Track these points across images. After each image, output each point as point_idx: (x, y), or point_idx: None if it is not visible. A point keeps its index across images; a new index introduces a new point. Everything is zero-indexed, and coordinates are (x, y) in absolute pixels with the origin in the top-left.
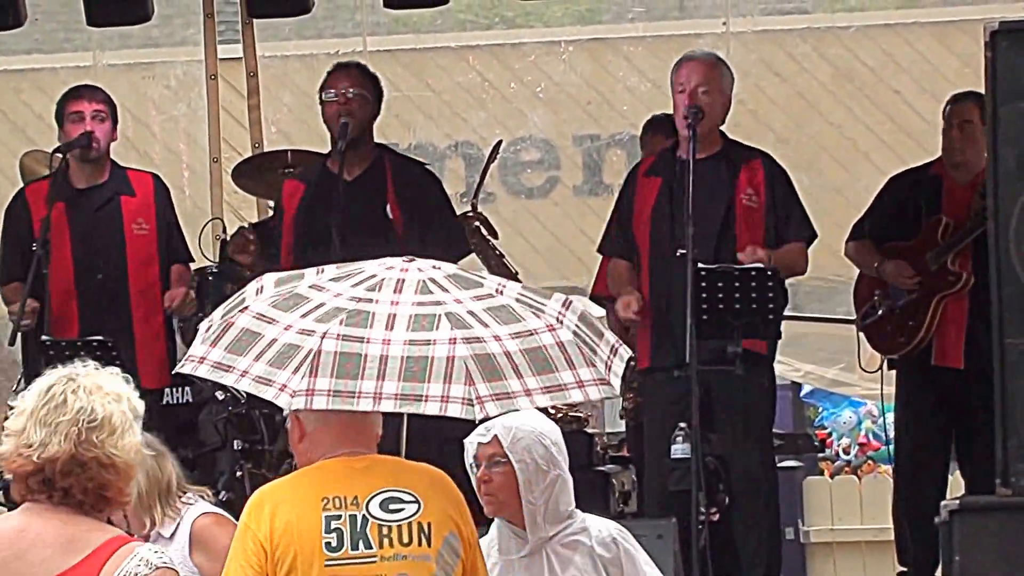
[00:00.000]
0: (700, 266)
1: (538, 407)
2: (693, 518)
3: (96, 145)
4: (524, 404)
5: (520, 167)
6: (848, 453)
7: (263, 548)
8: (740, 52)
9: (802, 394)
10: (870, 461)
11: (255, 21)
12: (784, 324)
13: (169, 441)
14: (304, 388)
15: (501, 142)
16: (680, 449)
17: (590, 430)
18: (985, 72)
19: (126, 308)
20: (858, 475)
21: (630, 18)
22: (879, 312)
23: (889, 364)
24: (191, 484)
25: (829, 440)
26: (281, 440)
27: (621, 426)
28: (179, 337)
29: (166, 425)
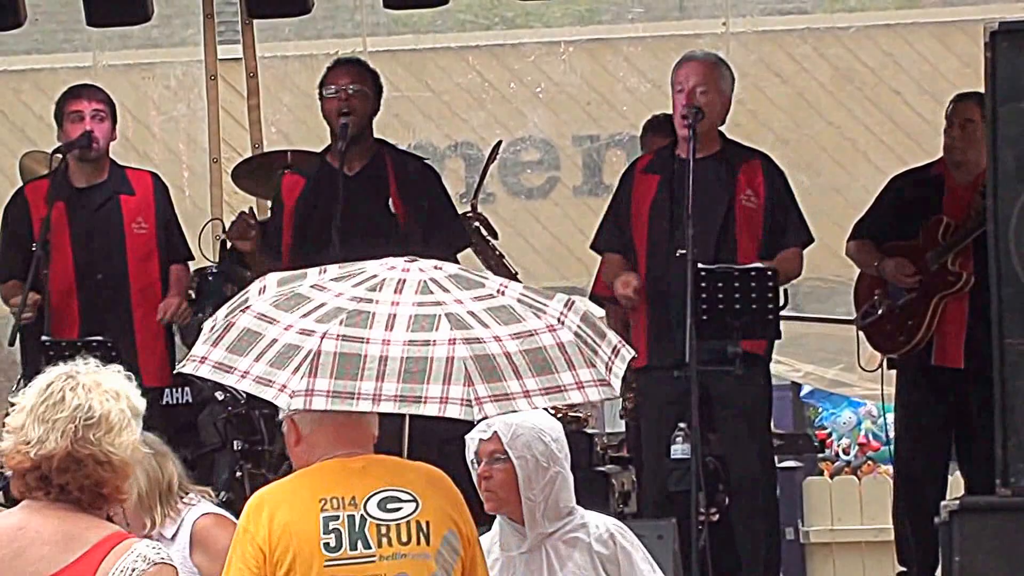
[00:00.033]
0: (700, 266)
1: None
2: (693, 518)
3: (96, 145)
4: (523, 405)
5: (520, 167)
6: (848, 453)
7: (261, 551)
8: (740, 52)
9: (802, 394)
10: (870, 461)
11: (255, 21)
12: (784, 324)
13: (169, 441)
14: (303, 388)
15: (501, 142)
16: (680, 449)
17: (590, 430)
18: (985, 72)
19: (126, 307)
20: (858, 475)
21: (630, 18)
22: (879, 312)
23: (889, 364)
24: (193, 484)
25: (829, 440)
26: (281, 440)
27: (621, 426)
28: (178, 338)
29: (166, 425)
